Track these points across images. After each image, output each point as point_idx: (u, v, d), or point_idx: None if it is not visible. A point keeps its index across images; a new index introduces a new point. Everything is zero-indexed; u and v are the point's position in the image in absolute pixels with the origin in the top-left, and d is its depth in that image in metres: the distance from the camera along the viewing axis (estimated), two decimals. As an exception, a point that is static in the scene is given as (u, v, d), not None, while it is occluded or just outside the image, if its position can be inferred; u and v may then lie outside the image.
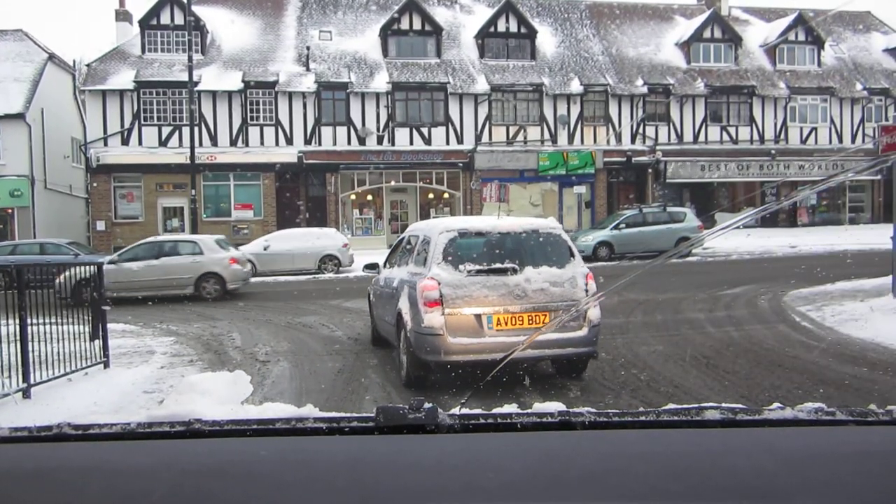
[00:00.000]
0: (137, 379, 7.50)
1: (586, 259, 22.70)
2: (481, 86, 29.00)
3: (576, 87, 29.77)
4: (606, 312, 11.66)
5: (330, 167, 28.05)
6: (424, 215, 29.06)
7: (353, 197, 29.03)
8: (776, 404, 1.69)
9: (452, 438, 1.40)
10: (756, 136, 31.69)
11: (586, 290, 6.79)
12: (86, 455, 1.39)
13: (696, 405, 1.56)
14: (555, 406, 1.82)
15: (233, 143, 27.66)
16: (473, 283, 6.64)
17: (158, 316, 13.68)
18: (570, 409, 1.55)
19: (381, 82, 28.35)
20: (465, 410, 1.58)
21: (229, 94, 27.46)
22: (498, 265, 6.70)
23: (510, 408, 2.24)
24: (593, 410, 1.52)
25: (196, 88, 26.42)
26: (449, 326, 6.58)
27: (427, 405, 1.43)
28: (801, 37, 33.23)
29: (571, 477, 1.25)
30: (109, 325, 11.62)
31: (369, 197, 29.29)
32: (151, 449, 1.41)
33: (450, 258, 6.82)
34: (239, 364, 8.23)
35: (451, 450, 1.36)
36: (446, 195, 29.68)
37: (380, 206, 29.33)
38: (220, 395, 2.77)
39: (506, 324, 6.61)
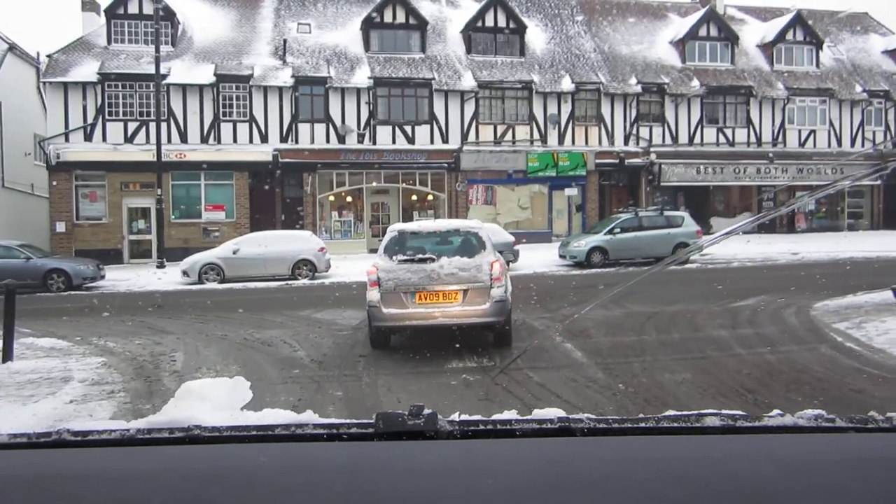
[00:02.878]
0: (30, 419, 5.85)
1: (579, 266, 21.37)
2: (468, 82, 27.53)
3: (567, 85, 28.36)
4: (614, 329, 10.24)
5: (307, 166, 26.45)
6: (407, 218, 27.58)
7: (331, 198, 27.42)
8: (776, 411, 1.60)
9: (452, 445, 1.40)
10: (753, 139, 30.42)
11: (490, 274, 8.53)
12: (85, 461, 1.39)
13: (697, 412, 1.53)
14: (554, 412, 1.73)
15: (204, 140, 25.99)
16: (401, 269, 8.58)
17: (104, 329, 12.06)
18: (570, 416, 1.52)
19: (362, 77, 26.80)
20: (465, 416, 1.57)
21: (200, 87, 25.80)
22: (420, 256, 8.69)
23: (510, 414, 2.00)
24: (593, 416, 1.50)
25: (165, 81, 24.95)
26: (384, 301, 8.56)
27: (427, 411, 1.43)
28: (800, 37, 32.07)
29: (571, 483, 1.25)
30: (40, 341, 10.03)
31: (349, 198, 27.69)
32: (150, 455, 1.41)
33: (389, 250, 8.90)
34: (171, 396, 6.63)
35: (450, 456, 1.36)
36: (430, 197, 28.15)
37: (360, 209, 27.74)
38: (219, 401, 2.71)
39: (425, 299, 8.51)
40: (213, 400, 2.68)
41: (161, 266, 23.04)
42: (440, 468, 1.30)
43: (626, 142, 29.09)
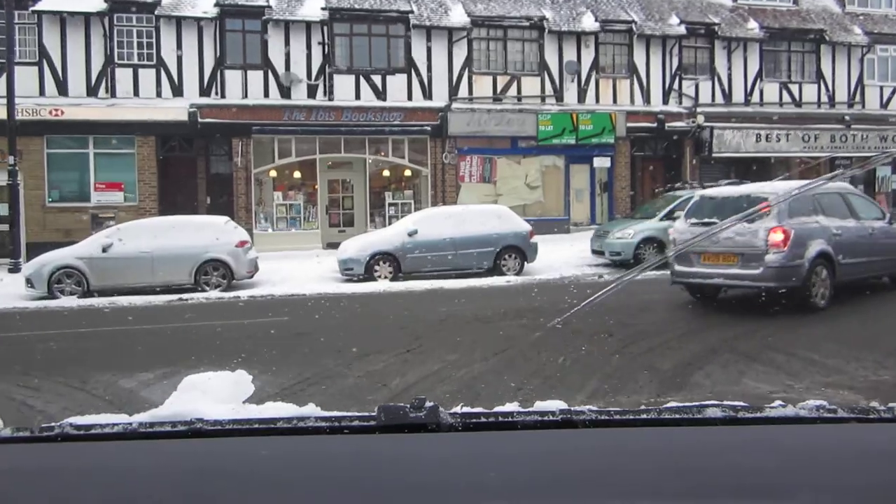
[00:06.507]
0: None
1: (623, 265, 14.28)
2: (458, 18, 20.52)
3: (589, 23, 21.38)
4: None
5: (238, 129, 19.31)
6: (377, 202, 20.68)
7: (273, 174, 20.26)
8: (778, 402, 1.55)
9: (454, 437, 1.39)
10: (825, 98, 23.63)
11: (766, 241, 9.00)
12: (88, 455, 1.39)
13: (698, 403, 1.51)
14: (556, 404, 1.65)
15: (91, 92, 18.83)
16: (690, 231, 9.80)
17: None
18: (572, 408, 1.50)
19: (313, 8, 19.74)
20: (467, 409, 1.57)
21: (86, 18, 18.66)
22: (705, 219, 9.70)
23: (511, 406, 1.87)
24: (595, 408, 1.48)
25: (34, 8, 18.11)
26: (678, 258, 9.69)
27: (428, 404, 1.41)
28: (876, -29, 25.33)
29: (573, 475, 1.25)
30: None
31: (297, 174, 20.53)
32: (153, 449, 1.41)
33: (689, 213, 10.32)
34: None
35: (452, 449, 1.35)
36: (408, 172, 21.07)
37: (313, 188, 20.59)
38: (222, 395, 2.51)
39: (707, 260, 9.55)
40: (215, 393, 2.48)
41: (14, 269, 15.85)
42: (442, 461, 1.30)
43: (665, 100, 22.19)
